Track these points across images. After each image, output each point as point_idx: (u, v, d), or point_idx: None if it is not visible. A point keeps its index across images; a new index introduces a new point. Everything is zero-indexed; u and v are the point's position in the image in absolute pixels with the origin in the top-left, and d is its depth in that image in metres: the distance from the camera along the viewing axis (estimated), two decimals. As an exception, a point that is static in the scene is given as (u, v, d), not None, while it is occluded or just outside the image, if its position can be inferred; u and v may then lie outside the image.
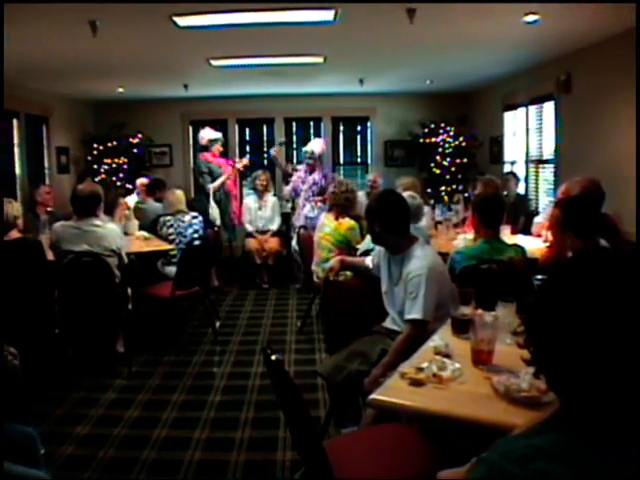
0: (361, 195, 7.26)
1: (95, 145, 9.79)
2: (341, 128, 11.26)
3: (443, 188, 9.78)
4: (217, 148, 8.58)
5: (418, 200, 5.38)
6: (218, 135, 8.68)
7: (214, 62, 6.86)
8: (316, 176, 8.04)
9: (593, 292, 1.05)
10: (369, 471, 2.41)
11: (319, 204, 7.73)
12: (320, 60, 6.97)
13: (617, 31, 5.57)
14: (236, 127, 10.90)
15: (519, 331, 1.20)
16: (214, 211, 8.25)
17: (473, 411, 2.08)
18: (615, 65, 5.85)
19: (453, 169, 9.84)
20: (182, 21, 4.90)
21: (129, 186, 9.20)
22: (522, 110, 8.43)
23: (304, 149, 8.35)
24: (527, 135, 8.30)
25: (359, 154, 11.51)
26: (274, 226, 8.60)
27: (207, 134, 8.60)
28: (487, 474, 1.09)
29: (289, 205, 8.62)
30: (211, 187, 8.36)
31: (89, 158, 9.80)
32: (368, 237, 4.79)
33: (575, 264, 1.19)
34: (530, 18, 4.99)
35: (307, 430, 2.30)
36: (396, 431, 2.70)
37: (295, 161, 10.23)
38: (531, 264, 3.94)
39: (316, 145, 8.32)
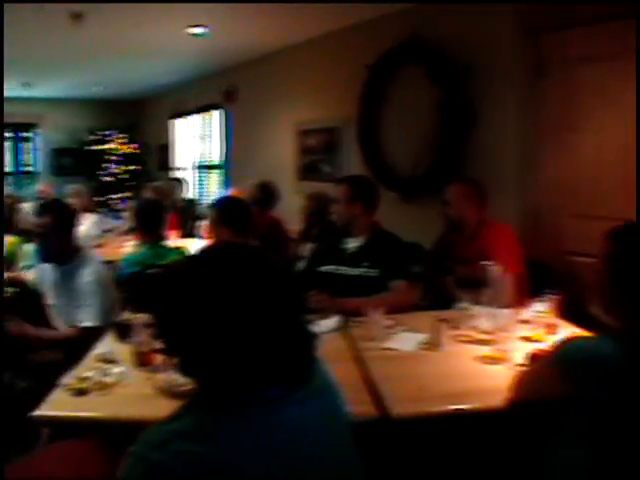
0: (28, 207, 6.73)
1: None
2: (6, 135, 10.50)
3: (115, 196, 9.70)
4: None
5: None
6: None
7: None
8: None
9: (199, 284, 1.16)
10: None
11: None
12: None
13: (278, 47, 6.11)
14: None
15: (150, 324, 1.29)
16: None
17: (138, 412, 2.12)
18: (276, 77, 6.45)
19: (124, 177, 9.84)
20: None
21: None
22: (191, 118, 8.73)
23: None
24: (196, 142, 8.61)
25: (26, 163, 10.88)
26: None
27: None
28: (132, 465, 1.14)
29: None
30: None
31: None
32: (29, 251, 4.62)
33: (190, 260, 1.33)
34: (196, 30, 5.15)
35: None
36: (73, 446, 2.62)
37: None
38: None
39: None
